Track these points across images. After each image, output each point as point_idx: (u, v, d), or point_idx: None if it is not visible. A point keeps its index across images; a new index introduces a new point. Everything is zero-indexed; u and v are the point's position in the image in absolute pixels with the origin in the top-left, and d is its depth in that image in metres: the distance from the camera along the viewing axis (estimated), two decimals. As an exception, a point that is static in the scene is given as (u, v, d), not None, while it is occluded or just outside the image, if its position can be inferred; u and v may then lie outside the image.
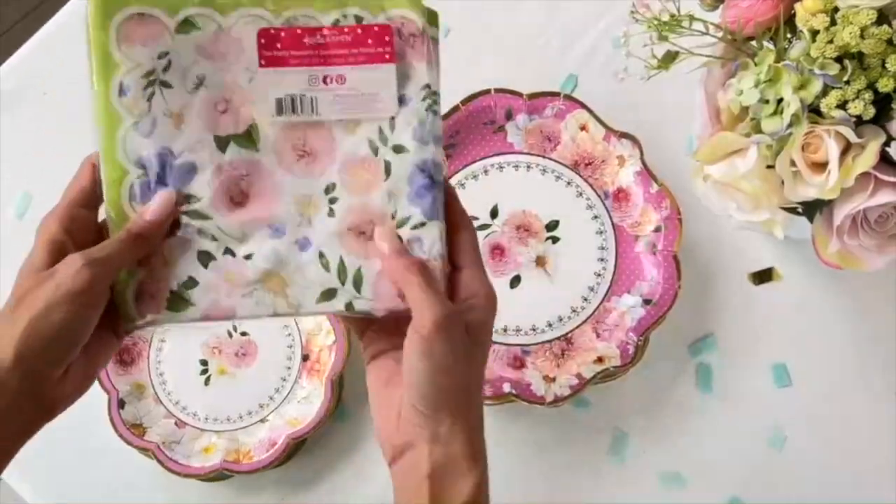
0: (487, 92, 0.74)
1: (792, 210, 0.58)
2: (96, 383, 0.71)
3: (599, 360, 0.69)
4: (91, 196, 0.47)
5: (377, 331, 0.49)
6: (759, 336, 0.73)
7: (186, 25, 0.46)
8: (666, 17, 0.58)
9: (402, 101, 0.48)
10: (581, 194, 0.74)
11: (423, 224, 0.47)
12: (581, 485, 0.70)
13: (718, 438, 0.71)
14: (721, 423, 0.71)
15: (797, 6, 0.55)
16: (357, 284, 0.47)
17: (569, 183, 0.74)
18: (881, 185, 0.54)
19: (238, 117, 0.47)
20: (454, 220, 0.48)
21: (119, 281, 0.46)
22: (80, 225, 0.46)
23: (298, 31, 0.46)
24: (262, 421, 0.72)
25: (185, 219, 0.47)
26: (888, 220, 0.56)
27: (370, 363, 0.49)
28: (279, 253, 0.47)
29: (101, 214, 0.47)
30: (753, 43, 0.59)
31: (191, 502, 0.71)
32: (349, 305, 0.47)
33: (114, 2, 0.45)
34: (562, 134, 0.75)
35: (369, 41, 0.47)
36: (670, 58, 0.60)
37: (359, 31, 0.47)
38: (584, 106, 0.74)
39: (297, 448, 0.71)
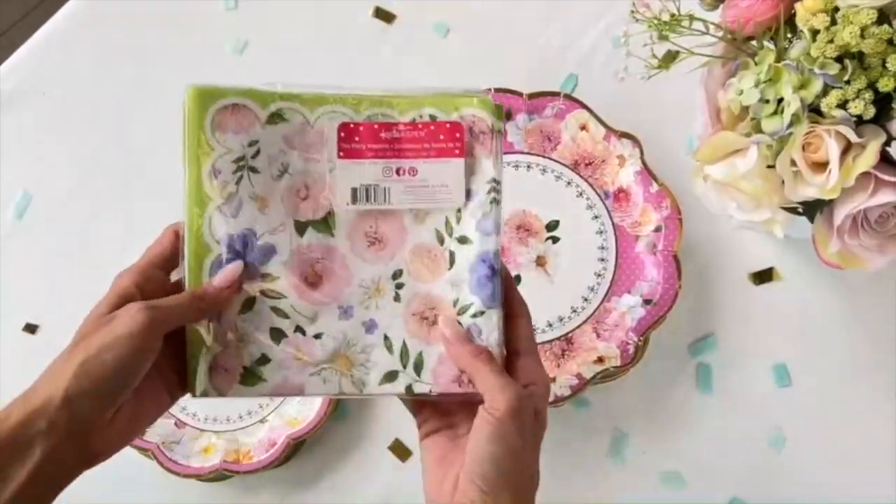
0: (488, 91, 0.74)
1: (792, 210, 0.58)
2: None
3: (600, 360, 0.69)
4: (169, 260, 0.49)
5: (433, 410, 0.50)
6: (759, 336, 0.72)
7: (275, 118, 0.49)
8: (666, 17, 0.58)
9: (468, 194, 0.50)
10: (581, 194, 0.74)
11: (482, 312, 0.49)
12: (581, 485, 0.70)
13: (718, 438, 0.71)
14: (721, 423, 0.71)
15: (797, 6, 0.55)
16: (418, 368, 0.50)
17: (569, 183, 0.74)
18: (882, 184, 0.54)
19: (317, 204, 0.50)
20: (511, 308, 0.50)
21: (193, 354, 0.48)
22: (153, 284, 0.48)
23: (375, 126, 0.49)
24: (261, 421, 0.72)
25: (260, 297, 0.49)
26: (889, 220, 0.56)
27: (424, 440, 0.50)
28: (347, 334, 0.50)
29: (175, 276, 0.50)
30: (754, 42, 0.59)
31: (191, 502, 0.71)
32: (409, 388, 0.50)
33: (211, 92, 0.48)
34: (562, 134, 0.75)
35: (441, 137, 0.50)
36: (670, 57, 0.60)
37: (432, 127, 0.50)
38: (584, 106, 0.74)
39: (297, 448, 0.71)
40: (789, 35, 0.56)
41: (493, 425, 0.45)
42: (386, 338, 0.50)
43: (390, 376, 0.50)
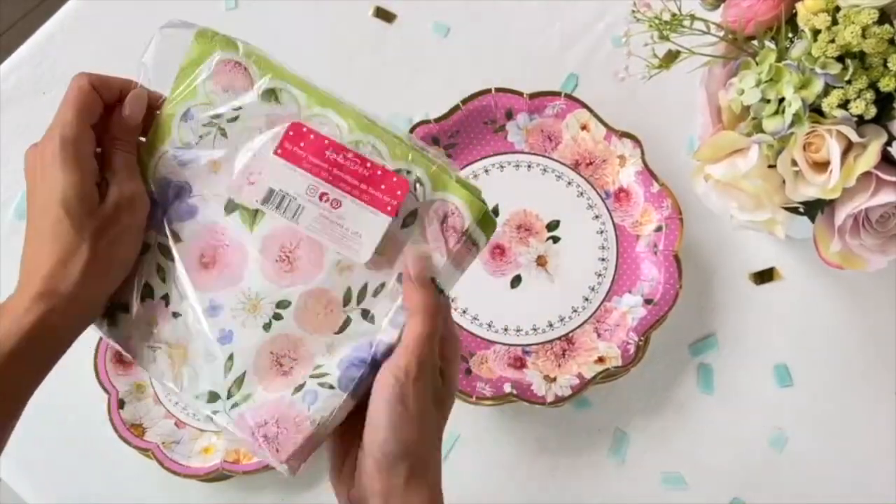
0: (488, 91, 0.74)
1: (793, 210, 0.58)
2: (96, 383, 0.71)
3: (600, 360, 0.69)
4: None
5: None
6: (760, 336, 0.72)
7: (270, 95, 0.48)
8: (667, 17, 0.58)
9: (400, 277, 0.47)
10: (582, 194, 0.74)
11: (331, 388, 0.46)
12: (582, 485, 0.70)
13: (720, 439, 0.70)
14: (722, 423, 0.71)
15: (798, 5, 0.55)
16: (236, 405, 0.47)
17: (570, 182, 0.74)
18: (883, 184, 0.54)
19: (257, 195, 0.47)
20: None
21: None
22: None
23: (326, 140, 0.47)
24: (262, 421, 0.71)
25: (154, 249, 0.48)
26: (890, 220, 0.56)
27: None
28: (202, 330, 0.48)
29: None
30: (755, 42, 0.59)
31: (191, 502, 0.71)
32: (214, 414, 0.47)
33: (221, 41, 0.48)
34: (563, 133, 0.75)
35: (382, 186, 0.47)
36: (671, 57, 0.60)
37: (378, 172, 0.47)
38: (584, 105, 0.74)
39: (297, 448, 0.71)
40: (790, 35, 0.56)
41: (395, 389, 0.43)
42: (230, 358, 0.47)
43: (211, 396, 0.47)
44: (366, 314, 0.47)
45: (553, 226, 0.73)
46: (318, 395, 0.46)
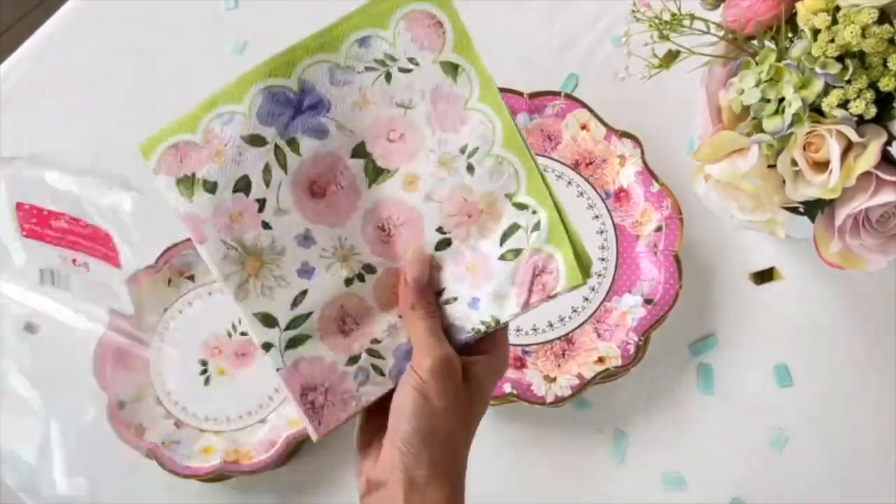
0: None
1: (793, 210, 0.58)
2: (96, 383, 0.71)
3: (600, 360, 0.69)
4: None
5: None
6: (760, 336, 0.72)
7: (449, 68, 0.47)
8: (667, 16, 0.58)
9: (473, 303, 0.47)
10: (582, 194, 0.74)
11: (381, 373, 0.47)
12: (582, 485, 0.70)
13: (719, 439, 0.70)
14: (722, 423, 0.71)
15: (798, 5, 0.55)
16: (291, 345, 0.46)
17: (569, 182, 0.74)
18: (883, 184, 0.54)
19: (392, 155, 0.47)
20: None
21: None
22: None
23: (45, 212, 0.46)
24: (261, 421, 0.71)
25: (270, 147, 0.45)
26: (890, 220, 0.56)
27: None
28: (285, 251, 0.46)
29: None
30: (755, 42, 0.59)
31: (191, 502, 0.71)
32: (267, 346, 0.46)
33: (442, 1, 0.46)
34: (562, 133, 0.75)
35: (99, 240, 0.46)
36: (671, 57, 0.60)
37: (90, 229, 0.46)
38: (584, 105, 0.74)
39: (297, 448, 0.71)
40: (790, 34, 0.56)
41: (415, 383, 0.44)
42: (304, 293, 0.46)
43: (268, 319, 0.46)
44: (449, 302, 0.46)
45: (553, 226, 0.73)
46: (370, 377, 0.46)
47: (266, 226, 0.46)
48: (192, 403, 0.72)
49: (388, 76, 0.46)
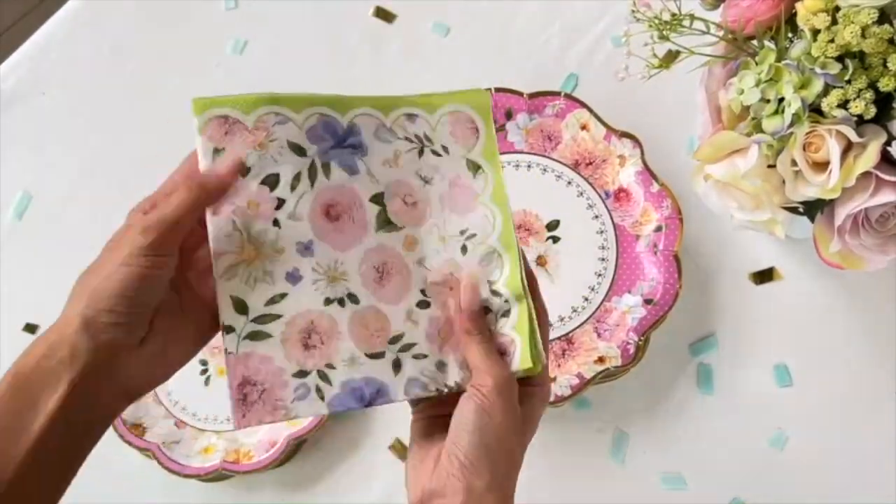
0: (487, 91, 0.74)
1: (793, 210, 0.58)
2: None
3: (600, 360, 0.69)
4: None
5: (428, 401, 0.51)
6: (760, 336, 0.72)
7: (472, 166, 0.54)
8: (667, 17, 0.58)
9: (441, 367, 0.51)
10: (582, 194, 0.74)
11: (322, 398, 0.48)
12: (581, 485, 0.70)
13: (719, 439, 0.70)
14: (722, 423, 0.71)
15: (798, 5, 0.55)
16: (250, 338, 0.48)
17: (569, 182, 0.74)
18: (882, 184, 0.54)
19: (411, 212, 0.52)
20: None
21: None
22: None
23: None
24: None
25: (310, 163, 0.50)
26: (889, 220, 0.56)
27: (414, 422, 0.51)
28: (282, 254, 0.49)
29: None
30: (754, 42, 0.59)
31: (191, 502, 0.71)
32: (227, 332, 0.47)
33: (485, 111, 0.55)
34: (562, 133, 0.75)
35: None
36: (671, 57, 0.60)
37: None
38: (584, 105, 0.74)
39: (297, 448, 0.71)
40: (790, 34, 0.56)
41: (479, 400, 0.46)
42: (283, 296, 0.48)
43: (241, 306, 0.48)
44: (397, 365, 0.49)
45: (553, 226, 0.73)
46: (308, 396, 0.47)
47: (276, 223, 0.49)
48: (192, 403, 0.73)
49: (421, 151, 0.53)
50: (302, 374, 0.48)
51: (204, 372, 0.73)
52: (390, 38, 0.82)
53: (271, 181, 0.49)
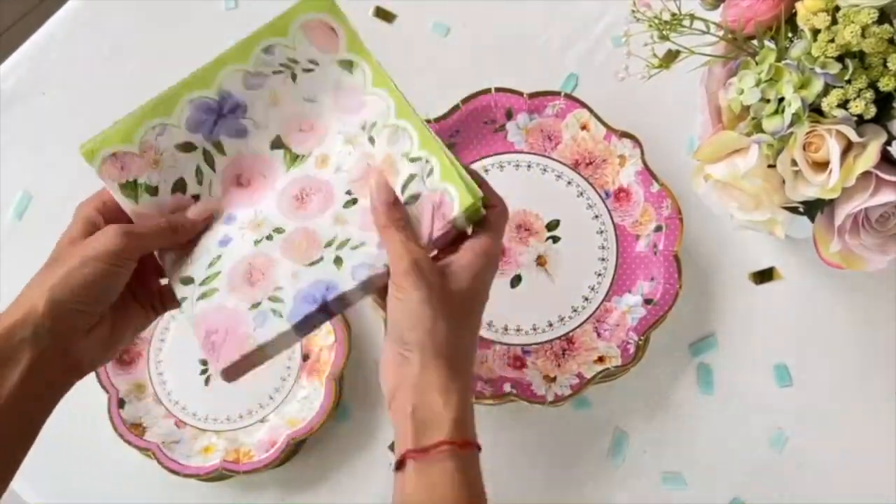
0: (488, 91, 0.74)
1: (793, 209, 0.58)
2: (96, 383, 0.71)
3: (600, 359, 0.69)
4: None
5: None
6: (759, 336, 0.72)
7: (345, 64, 0.56)
8: (667, 16, 0.58)
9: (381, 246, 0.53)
10: (582, 194, 0.74)
11: (279, 315, 0.52)
12: (581, 485, 0.70)
13: (719, 438, 0.70)
14: (722, 423, 0.71)
15: (798, 5, 0.55)
16: (203, 297, 0.53)
17: (569, 182, 0.74)
18: (882, 184, 0.54)
19: (304, 143, 0.57)
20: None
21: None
22: (112, 212, 0.54)
23: None
24: (262, 421, 0.72)
25: (202, 152, 0.56)
26: (889, 220, 0.56)
27: (384, 319, 0.55)
28: (212, 232, 0.55)
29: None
30: (754, 42, 0.59)
31: (191, 502, 0.71)
32: (183, 301, 0.54)
33: (332, 8, 0.55)
34: (562, 133, 0.75)
35: None
36: (671, 57, 0.60)
37: None
38: (584, 105, 0.74)
39: (297, 448, 0.71)
40: (790, 34, 0.56)
41: (396, 285, 0.49)
42: (219, 257, 0.54)
43: (186, 280, 0.54)
44: (338, 260, 0.53)
45: (553, 225, 0.73)
46: (267, 320, 0.51)
47: (195, 197, 0.56)
48: (192, 403, 0.73)
49: (294, 76, 0.56)
50: (255, 305, 0.52)
51: (204, 372, 0.73)
52: (390, 38, 0.82)
53: (180, 186, 0.55)
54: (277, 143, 0.56)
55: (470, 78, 0.77)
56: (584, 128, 0.74)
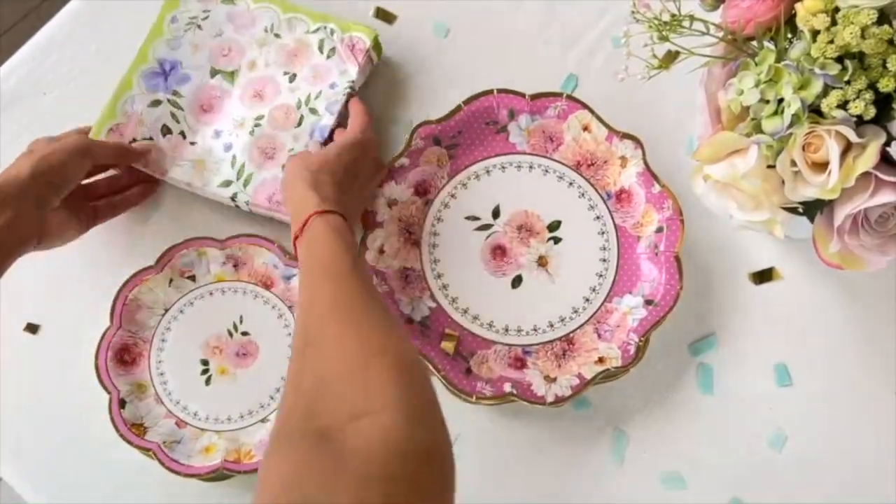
0: (490, 92, 0.75)
1: (792, 210, 0.58)
2: (97, 383, 0.71)
3: (600, 360, 0.69)
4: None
5: None
6: (759, 336, 0.73)
7: (228, 1, 0.80)
8: (666, 17, 0.58)
9: (333, 85, 0.77)
10: (583, 195, 0.74)
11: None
12: (581, 485, 0.70)
13: (719, 438, 0.71)
14: (722, 423, 0.71)
15: (798, 6, 0.55)
16: (245, 183, 0.74)
17: (571, 183, 0.74)
18: (882, 184, 0.54)
19: (231, 62, 0.79)
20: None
21: (105, 114, 0.76)
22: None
23: None
24: (262, 421, 0.72)
25: (166, 102, 0.77)
26: (889, 220, 0.56)
27: None
28: (212, 147, 0.76)
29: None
30: (754, 43, 0.59)
31: (191, 502, 0.71)
32: (234, 196, 0.74)
33: None
34: (564, 134, 0.75)
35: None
36: (671, 57, 0.60)
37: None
38: (586, 106, 0.74)
39: (297, 448, 0.71)
40: (789, 35, 0.57)
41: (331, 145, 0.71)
42: (234, 158, 0.75)
43: (225, 183, 0.74)
44: (313, 111, 0.76)
45: (554, 226, 0.73)
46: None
47: (193, 143, 0.76)
48: (193, 403, 0.73)
49: (199, 27, 0.79)
50: (283, 166, 0.74)
51: (205, 372, 0.73)
52: (390, 38, 0.82)
53: (166, 130, 0.76)
54: (214, 72, 0.78)
55: (469, 78, 0.77)
56: (585, 129, 0.74)
